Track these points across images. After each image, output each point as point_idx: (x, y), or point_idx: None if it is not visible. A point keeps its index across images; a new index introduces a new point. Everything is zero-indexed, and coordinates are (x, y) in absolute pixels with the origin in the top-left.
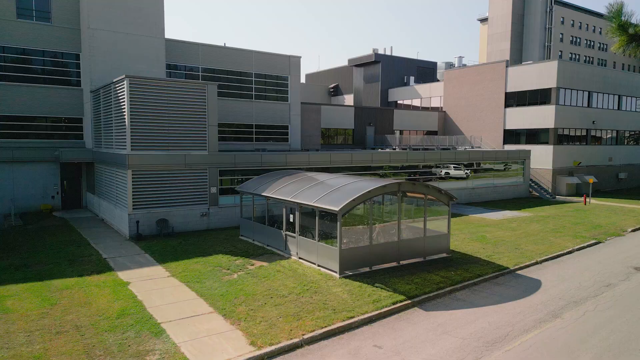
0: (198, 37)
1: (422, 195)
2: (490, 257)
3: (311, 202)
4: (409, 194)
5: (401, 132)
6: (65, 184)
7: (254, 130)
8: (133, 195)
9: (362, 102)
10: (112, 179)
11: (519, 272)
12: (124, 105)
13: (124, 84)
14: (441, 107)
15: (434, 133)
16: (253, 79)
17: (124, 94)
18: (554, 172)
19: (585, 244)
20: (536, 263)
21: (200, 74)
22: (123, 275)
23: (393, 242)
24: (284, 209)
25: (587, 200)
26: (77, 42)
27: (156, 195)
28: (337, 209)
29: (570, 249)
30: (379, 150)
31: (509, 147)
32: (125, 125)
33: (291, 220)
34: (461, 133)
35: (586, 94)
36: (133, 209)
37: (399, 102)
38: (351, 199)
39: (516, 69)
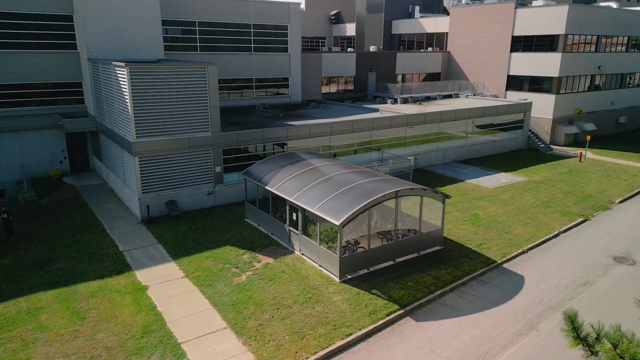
0: None
1: (419, 197)
2: (480, 246)
3: (313, 209)
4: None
5: (403, 77)
6: (72, 148)
7: (253, 84)
8: (142, 180)
9: (364, 33)
10: (118, 155)
11: (505, 265)
12: (126, 93)
13: (124, 72)
14: (445, 46)
15: (437, 75)
16: (251, 30)
17: (125, 81)
18: (553, 121)
19: (572, 224)
20: (522, 252)
21: (197, 28)
22: (141, 276)
23: (390, 244)
24: (287, 206)
25: (583, 155)
26: (70, 4)
27: (164, 178)
28: (337, 222)
29: (556, 232)
30: (379, 112)
31: (511, 94)
32: (129, 113)
33: (294, 218)
34: (464, 76)
35: (595, 38)
36: (142, 193)
37: (402, 34)
38: (352, 212)
39: (525, 11)
